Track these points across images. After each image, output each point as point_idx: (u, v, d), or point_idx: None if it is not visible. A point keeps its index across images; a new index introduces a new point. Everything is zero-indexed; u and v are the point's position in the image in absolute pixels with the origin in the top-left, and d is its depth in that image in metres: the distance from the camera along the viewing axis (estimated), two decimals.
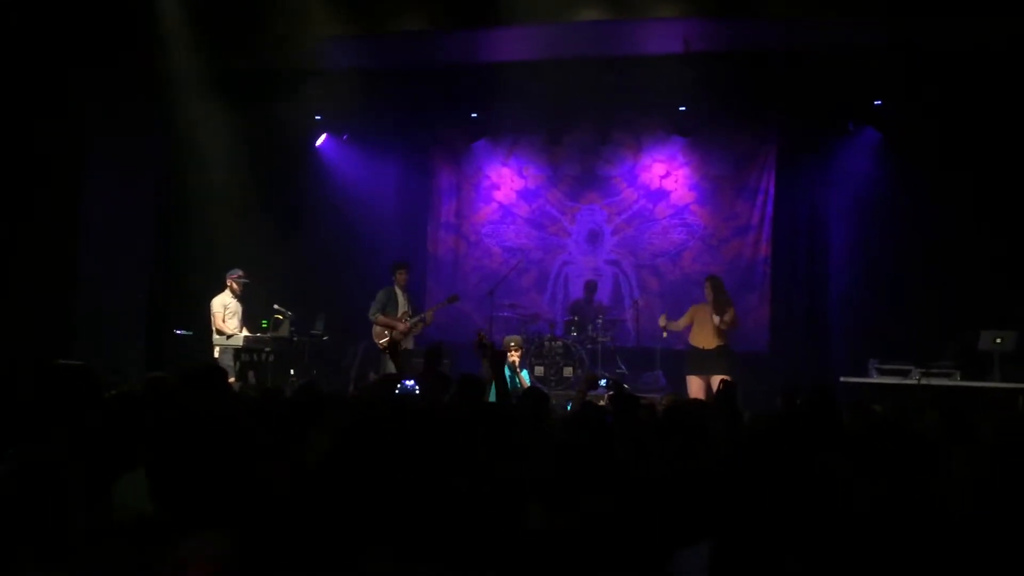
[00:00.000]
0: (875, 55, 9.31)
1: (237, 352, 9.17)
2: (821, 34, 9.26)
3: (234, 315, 9.45)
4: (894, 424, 3.26)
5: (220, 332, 9.33)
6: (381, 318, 9.66)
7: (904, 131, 10.07)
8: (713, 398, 7.59)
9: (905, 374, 8.47)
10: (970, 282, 9.28)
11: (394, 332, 9.55)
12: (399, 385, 5.71)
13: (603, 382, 8.26)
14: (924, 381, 8.26)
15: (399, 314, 9.71)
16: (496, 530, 2.41)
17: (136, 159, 10.43)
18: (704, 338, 9.22)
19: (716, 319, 9.11)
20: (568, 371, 10.12)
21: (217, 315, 9.37)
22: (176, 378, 4.35)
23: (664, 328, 9.44)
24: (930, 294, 9.64)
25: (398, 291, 9.81)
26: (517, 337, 9.39)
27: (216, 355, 9.19)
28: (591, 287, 11.14)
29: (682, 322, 9.45)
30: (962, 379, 8.28)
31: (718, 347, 9.14)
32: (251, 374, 9.10)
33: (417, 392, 5.87)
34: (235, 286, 9.47)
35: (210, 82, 9.70)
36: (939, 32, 8.70)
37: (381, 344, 9.53)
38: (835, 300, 10.69)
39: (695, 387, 9.10)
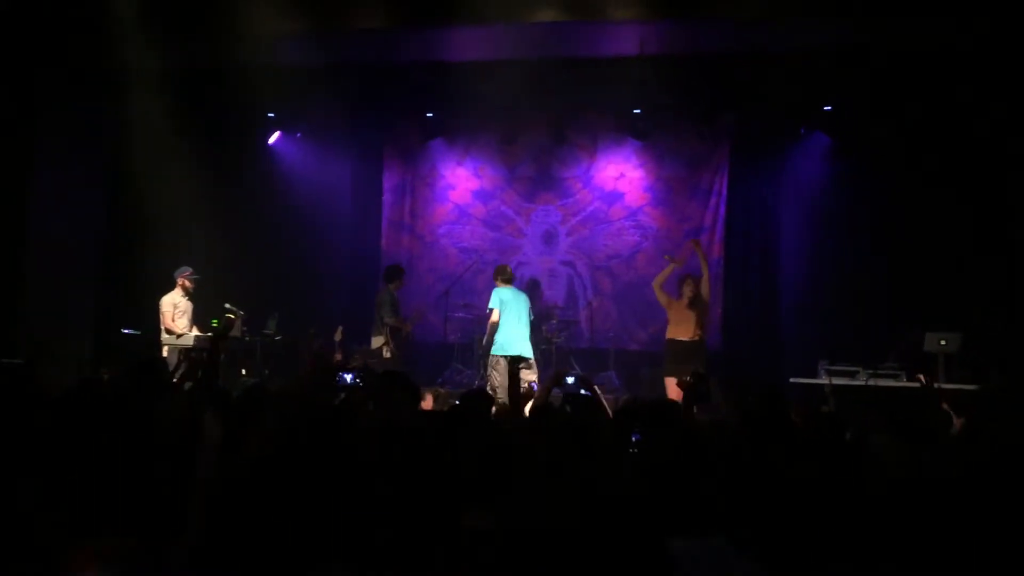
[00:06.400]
0: (826, 60, 9.45)
1: (186, 352, 9.02)
2: (773, 38, 9.36)
3: (184, 314, 9.31)
4: (837, 423, 3.32)
5: (169, 331, 9.18)
6: (396, 320, 9.78)
7: (853, 136, 10.24)
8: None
9: (853, 375, 8.59)
10: (918, 284, 9.47)
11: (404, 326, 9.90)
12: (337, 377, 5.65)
13: (570, 379, 8.15)
14: (871, 382, 8.39)
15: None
16: (434, 532, 2.39)
17: (85, 156, 10.27)
18: (684, 330, 8.86)
19: (704, 279, 8.88)
20: (526, 373, 10.09)
21: (166, 314, 9.22)
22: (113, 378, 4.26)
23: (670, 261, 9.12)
24: (879, 296, 9.82)
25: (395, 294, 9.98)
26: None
27: (164, 354, 9.03)
28: (532, 286, 11.15)
29: (659, 290, 9.07)
30: (908, 380, 8.42)
31: (700, 339, 8.84)
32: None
33: (360, 385, 5.76)
34: (187, 284, 9.32)
35: (161, 79, 9.55)
36: (890, 36, 8.83)
37: (384, 351, 9.59)
38: (786, 301, 10.83)
39: (674, 389, 8.42)
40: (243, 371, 9.65)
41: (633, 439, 3.53)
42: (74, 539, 2.33)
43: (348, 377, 6.22)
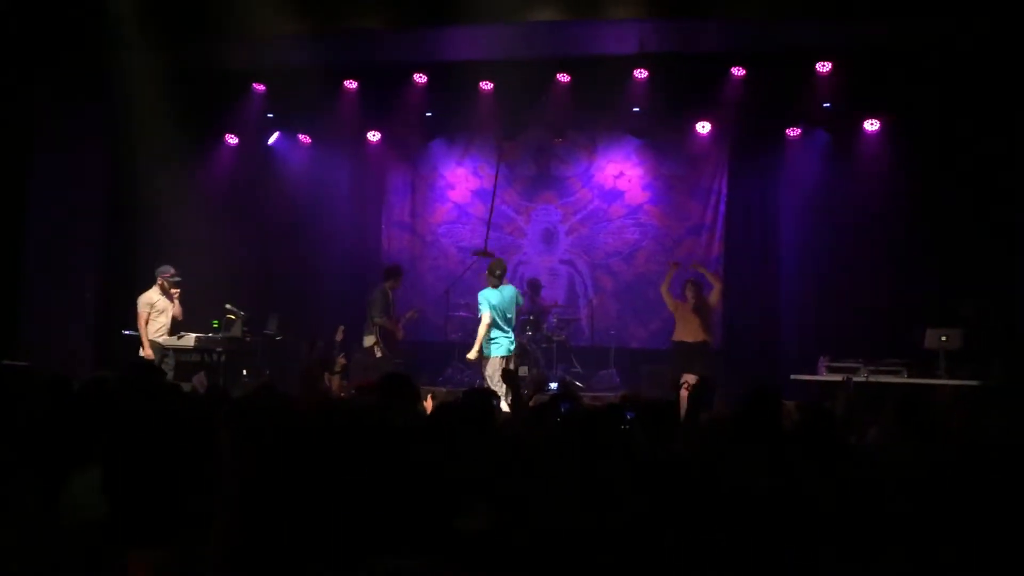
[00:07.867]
0: (825, 57, 9.49)
1: (163, 354, 8.89)
2: (773, 37, 9.38)
3: (161, 313, 9.00)
4: (834, 419, 3.32)
5: (138, 332, 8.87)
6: (387, 321, 9.78)
7: (852, 133, 10.24)
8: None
9: (854, 371, 8.59)
10: (918, 280, 9.47)
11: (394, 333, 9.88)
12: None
13: (553, 384, 8.22)
14: (872, 379, 8.39)
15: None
16: (434, 531, 2.40)
17: (84, 157, 10.27)
18: (689, 332, 9.18)
19: (715, 291, 9.24)
20: (523, 370, 10.09)
21: (141, 314, 8.89)
22: (117, 378, 4.27)
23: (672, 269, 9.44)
24: (879, 292, 9.82)
25: (391, 294, 9.93)
26: None
27: (142, 353, 8.76)
28: (533, 286, 11.13)
29: (666, 294, 9.35)
30: (909, 376, 8.43)
31: (706, 342, 9.13)
32: (202, 374, 8.95)
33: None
34: (165, 284, 9.03)
35: (159, 80, 9.56)
36: (888, 34, 8.86)
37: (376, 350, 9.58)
38: (786, 298, 10.81)
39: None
40: (244, 371, 9.65)
41: (628, 416, 3.55)
42: (115, 548, 2.33)
43: None
